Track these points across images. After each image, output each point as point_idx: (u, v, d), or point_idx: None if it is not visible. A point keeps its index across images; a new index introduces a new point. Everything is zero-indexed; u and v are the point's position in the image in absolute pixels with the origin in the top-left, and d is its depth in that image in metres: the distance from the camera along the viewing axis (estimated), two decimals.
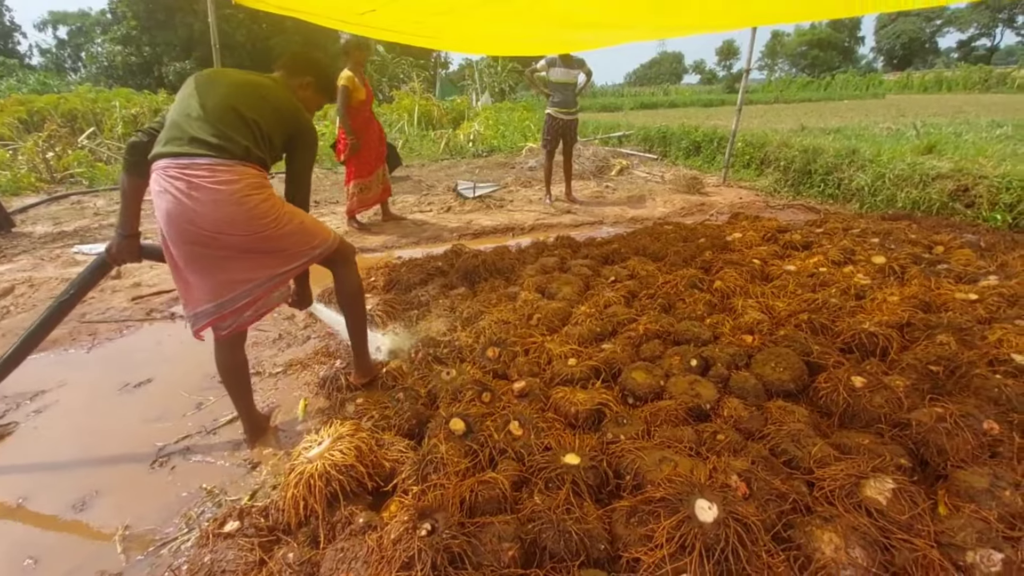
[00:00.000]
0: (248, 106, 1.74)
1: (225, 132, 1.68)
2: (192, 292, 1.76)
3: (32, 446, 2.17)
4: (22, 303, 3.53)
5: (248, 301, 1.81)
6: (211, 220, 1.64)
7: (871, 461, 1.62)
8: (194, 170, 1.62)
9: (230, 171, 1.65)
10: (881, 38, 55.72)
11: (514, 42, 4.07)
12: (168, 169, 1.64)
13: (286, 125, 1.83)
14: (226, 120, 1.69)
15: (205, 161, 1.63)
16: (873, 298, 2.70)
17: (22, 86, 18.22)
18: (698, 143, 8.34)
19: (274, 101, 1.81)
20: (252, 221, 1.70)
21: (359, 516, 1.53)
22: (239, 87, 1.78)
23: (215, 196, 1.63)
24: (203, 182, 1.62)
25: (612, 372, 2.22)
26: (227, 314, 1.79)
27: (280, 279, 1.87)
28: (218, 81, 1.79)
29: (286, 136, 1.85)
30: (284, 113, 1.83)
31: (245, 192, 1.67)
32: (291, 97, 1.89)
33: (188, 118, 1.69)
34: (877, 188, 5.29)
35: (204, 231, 1.65)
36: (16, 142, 8.73)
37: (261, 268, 1.80)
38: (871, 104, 19.42)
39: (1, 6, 35.62)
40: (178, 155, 1.64)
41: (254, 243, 1.74)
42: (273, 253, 1.80)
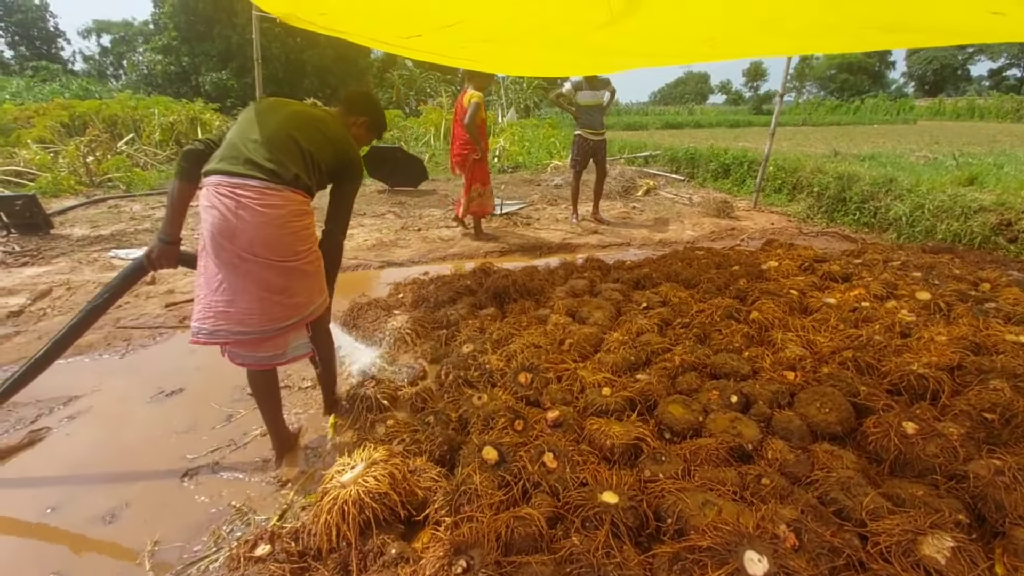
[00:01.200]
0: (304, 135, 1.80)
1: (279, 157, 1.73)
2: (210, 308, 1.76)
3: (64, 453, 2.19)
4: (59, 306, 3.61)
5: (263, 338, 1.81)
6: (249, 239, 1.68)
7: (928, 516, 1.53)
8: (244, 191, 1.68)
9: (278, 195, 1.71)
10: (912, 64, 55.06)
11: (550, 64, 4.09)
12: (219, 186, 1.68)
13: (338, 157, 1.90)
14: (282, 146, 1.75)
15: (256, 184, 1.68)
16: (919, 337, 2.60)
17: (65, 91, 18.99)
18: (727, 165, 8.25)
19: (329, 133, 1.89)
20: (287, 247, 1.75)
21: (391, 547, 1.50)
22: (297, 116, 1.84)
23: (261, 218, 1.68)
24: (251, 203, 1.67)
25: (648, 404, 2.16)
26: (236, 343, 1.81)
27: (286, 330, 1.85)
28: (279, 109, 1.86)
29: (336, 167, 1.92)
30: (337, 145, 1.90)
31: (288, 218, 1.73)
32: (345, 132, 1.98)
33: (246, 140, 1.74)
34: (916, 219, 5.15)
35: (240, 249, 1.69)
36: (57, 145, 9.05)
37: (276, 307, 1.79)
38: (902, 129, 19.10)
39: (45, 12, 37.29)
40: (231, 173, 1.69)
41: (277, 274, 1.75)
42: (284, 292, 1.79)
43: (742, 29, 2.50)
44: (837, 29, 2.30)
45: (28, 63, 30.23)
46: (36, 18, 36.71)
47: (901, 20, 2.11)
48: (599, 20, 2.26)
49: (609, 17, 2.18)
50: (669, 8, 2.15)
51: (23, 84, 19.32)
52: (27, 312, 3.49)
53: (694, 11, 2.23)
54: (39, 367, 2.07)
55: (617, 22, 2.24)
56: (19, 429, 2.31)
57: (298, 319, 1.86)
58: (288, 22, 2.94)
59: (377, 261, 4.65)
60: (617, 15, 2.15)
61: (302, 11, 2.69)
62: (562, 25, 2.48)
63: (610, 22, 2.24)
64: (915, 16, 2.04)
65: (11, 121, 10.04)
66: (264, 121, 1.79)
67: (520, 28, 2.63)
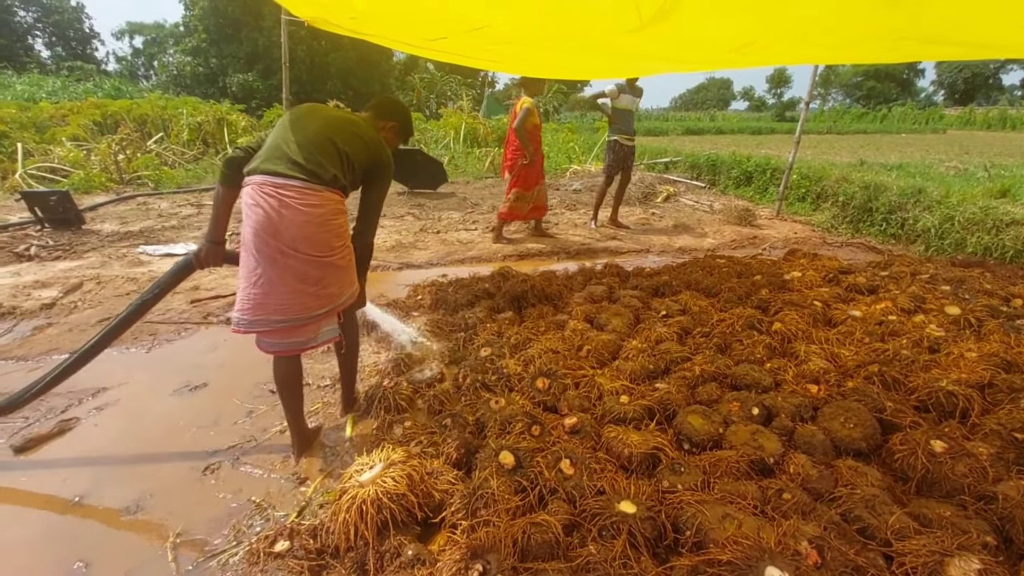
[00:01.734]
0: (342, 138, 1.89)
1: (318, 159, 1.82)
2: (252, 299, 1.84)
3: (92, 443, 2.24)
4: (90, 299, 3.71)
5: (290, 327, 1.89)
6: (291, 236, 1.77)
7: (955, 537, 1.49)
8: (286, 190, 1.76)
9: (317, 195, 1.80)
10: (942, 72, 53.80)
11: (575, 68, 4.10)
12: (264, 186, 1.77)
13: (371, 158, 1.98)
14: (321, 148, 1.84)
15: (297, 184, 1.77)
16: (948, 352, 2.53)
17: (98, 90, 19.58)
18: (749, 173, 8.15)
19: (364, 136, 1.97)
20: (325, 243, 1.84)
21: (408, 548, 1.50)
22: (336, 120, 1.93)
23: (303, 217, 1.77)
24: (293, 202, 1.76)
25: (667, 414, 2.14)
26: (272, 331, 1.89)
27: (319, 318, 1.94)
28: (318, 113, 1.95)
29: (369, 167, 1.99)
30: (371, 147, 1.98)
31: (327, 216, 1.83)
32: (378, 135, 2.06)
33: (288, 141, 1.84)
34: (945, 231, 5.02)
35: (282, 245, 1.78)
36: (90, 143, 9.33)
37: (311, 298, 1.89)
38: (931, 139, 18.66)
39: (81, 13, 38.50)
40: (275, 173, 1.78)
41: (314, 268, 1.85)
42: (319, 283, 1.89)
43: (774, 37, 2.47)
44: (872, 40, 2.26)
45: (64, 63, 31.24)
46: (72, 19, 37.93)
47: (942, 33, 2.07)
48: (628, 26, 2.25)
49: (639, 23, 2.18)
50: (700, 16, 2.14)
51: (59, 83, 19.97)
52: (59, 305, 3.59)
53: (726, 20, 2.21)
54: (87, 357, 2.16)
55: (647, 28, 2.23)
56: (50, 418, 2.37)
57: (331, 308, 1.95)
58: (316, 25, 3.00)
59: (396, 263, 4.70)
60: (647, 21, 2.14)
61: (332, 15, 2.73)
62: (590, 30, 2.48)
63: (639, 28, 2.24)
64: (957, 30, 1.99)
65: (47, 119, 10.39)
66: (305, 124, 1.88)
67: (547, 32, 2.64)
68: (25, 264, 4.39)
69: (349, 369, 2.37)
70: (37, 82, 19.72)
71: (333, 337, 2.06)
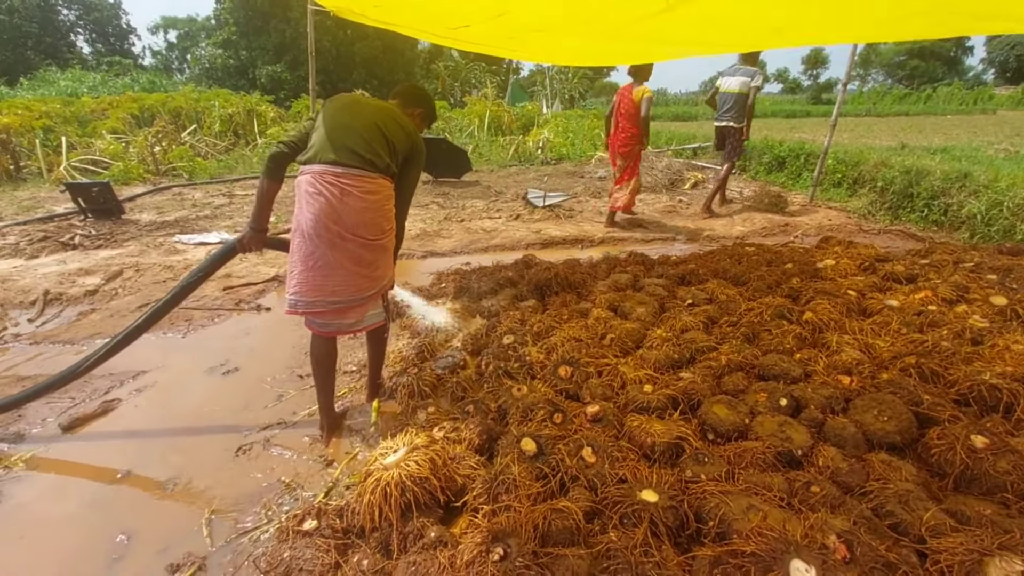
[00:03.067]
0: (388, 127, 2.00)
1: (374, 148, 1.94)
2: (309, 282, 1.96)
3: (133, 422, 2.35)
4: (129, 286, 3.87)
5: (343, 308, 2.02)
6: (352, 223, 1.91)
7: (996, 536, 1.43)
8: (346, 179, 1.88)
9: (374, 183, 1.93)
10: (993, 49, 50.66)
11: (601, 54, 4.01)
12: (325, 175, 1.88)
13: (410, 144, 2.09)
14: (374, 138, 1.95)
15: (356, 172, 1.90)
16: (993, 344, 2.41)
17: (135, 84, 20.21)
18: (782, 158, 7.88)
19: (403, 124, 2.08)
20: (379, 227, 1.99)
21: (431, 530, 1.53)
22: (380, 111, 2.04)
23: (362, 204, 1.91)
24: (354, 189, 1.89)
25: (691, 404, 2.10)
26: (327, 311, 2.01)
27: (367, 300, 2.08)
28: (361, 104, 2.06)
29: (408, 154, 2.10)
30: (410, 134, 2.10)
31: (382, 202, 1.98)
32: (410, 121, 2.16)
33: (343, 134, 1.93)
34: (992, 217, 4.76)
35: (343, 230, 1.90)
36: (128, 136, 9.66)
37: (364, 279, 2.02)
38: (980, 120, 17.69)
39: (119, 9, 39.65)
40: (335, 163, 1.89)
41: (368, 251, 1.98)
42: (371, 265, 2.02)
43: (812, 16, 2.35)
44: (921, 15, 2.13)
45: (103, 58, 32.32)
46: (111, 16, 39.10)
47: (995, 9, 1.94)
48: (654, 7, 2.19)
49: (665, 4, 2.11)
50: None
51: (99, 78, 20.68)
52: (101, 291, 3.76)
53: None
54: (135, 334, 2.30)
55: (673, 9, 2.16)
56: (94, 399, 2.50)
57: (378, 289, 2.10)
58: (341, 15, 3.02)
59: (421, 251, 4.74)
60: (672, 2, 2.07)
61: (355, 4, 2.74)
62: (614, 13, 2.42)
63: (665, 9, 2.17)
64: (1013, 4, 1.86)
65: (88, 113, 10.80)
66: (354, 115, 1.98)
67: (570, 17, 2.59)
68: (70, 252, 4.60)
69: (377, 355, 2.43)
70: (79, 77, 20.47)
71: (379, 321, 2.19)
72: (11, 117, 8.62)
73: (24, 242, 4.80)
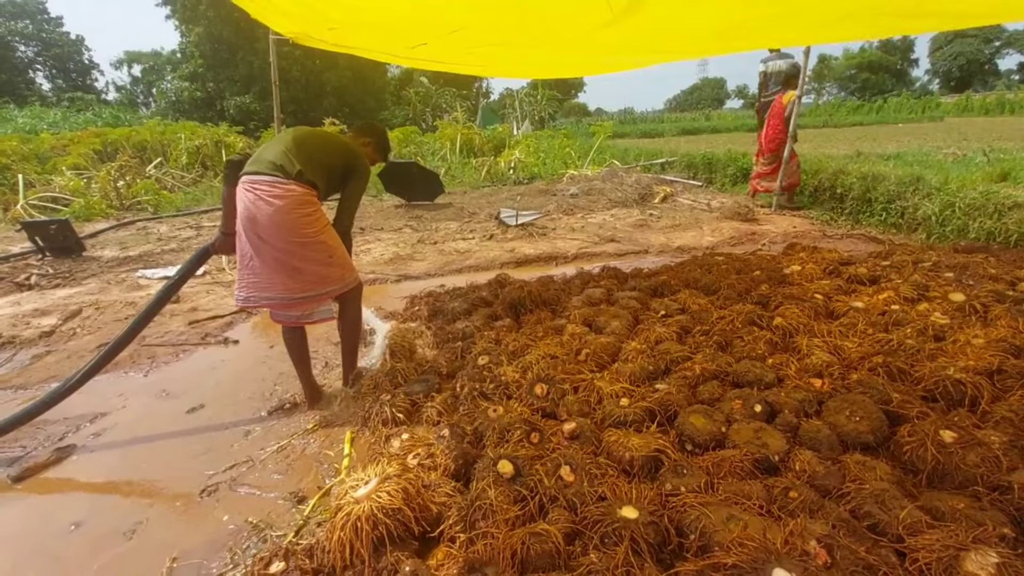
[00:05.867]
0: (312, 143, 2.27)
1: (288, 158, 2.16)
2: (245, 280, 2.23)
3: (89, 470, 2.23)
4: (88, 325, 3.71)
5: (287, 304, 2.26)
6: (265, 225, 2.10)
7: (970, 530, 1.44)
8: (259, 185, 2.11)
9: (282, 187, 2.11)
10: (937, 60, 53.64)
11: (560, 65, 4.10)
12: (244, 183, 2.15)
13: (345, 159, 2.35)
14: (290, 150, 2.19)
15: (267, 178, 2.12)
16: (955, 340, 2.48)
17: (98, 119, 19.83)
18: (746, 170, 8.11)
19: (335, 140, 2.37)
20: (293, 230, 2.13)
21: (405, 564, 1.47)
22: (309, 131, 2.34)
23: (270, 208, 2.09)
24: (263, 194, 2.09)
25: (668, 415, 2.09)
26: (271, 306, 2.29)
27: (311, 299, 2.28)
28: (298, 129, 2.34)
29: (343, 169, 2.35)
30: (344, 150, 2.36)
31: (292, 206, 2.12)
32: (353, 142, 2.46)
33: (265, 148, 2.25)
34: (946, 218, 4.96)
35: (260, 233, 2.12)
36: (91, 171, 9.42)
37: (292, 281, 2.20)
38: (929, 128, 18.57)
39: (81, 45, 39.19)
40: (250, 172, 2.16)
41: (288, 255, 2.16)
42: (297, 271, 2.20)
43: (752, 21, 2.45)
44: (849, 18, 2.24)
45: (64, 94, 31.72)
46: (72, 51, 38.59)
47: (914, 6, 2.05)
48: (601, 19, 2.25)
49: (610, 16, 2.17)
50: (672, 5, 2.13)
51: (59, 115, 20.24)
52: (58, 332, 3.60)
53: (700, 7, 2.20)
54: (121, 345, 2.47)
55: (620, 20, 2.22)
56: (47, 446, 2.36)
57: (316, 294, 2.28)
58: (300, 41, 3.02)
59: (394, 275, 4.69)
60: (618, 14, 2.13)
61: (312, 29, 2.75)
62: (564, 26, 2.49)
63: (612, 21, 2.23)
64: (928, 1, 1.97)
65: (48, 150, 10.51)
66: (282, 136, 2.30)
67: (522, 30, 2.65)
68: (25, 293, 4.41)
69: (349, 347, 2.63)
70: (38, 114, 20.02)
71: (328, 317, 2.50)
72: None
73: None
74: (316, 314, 2.42)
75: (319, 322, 2.51)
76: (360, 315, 2.64)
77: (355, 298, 2.51)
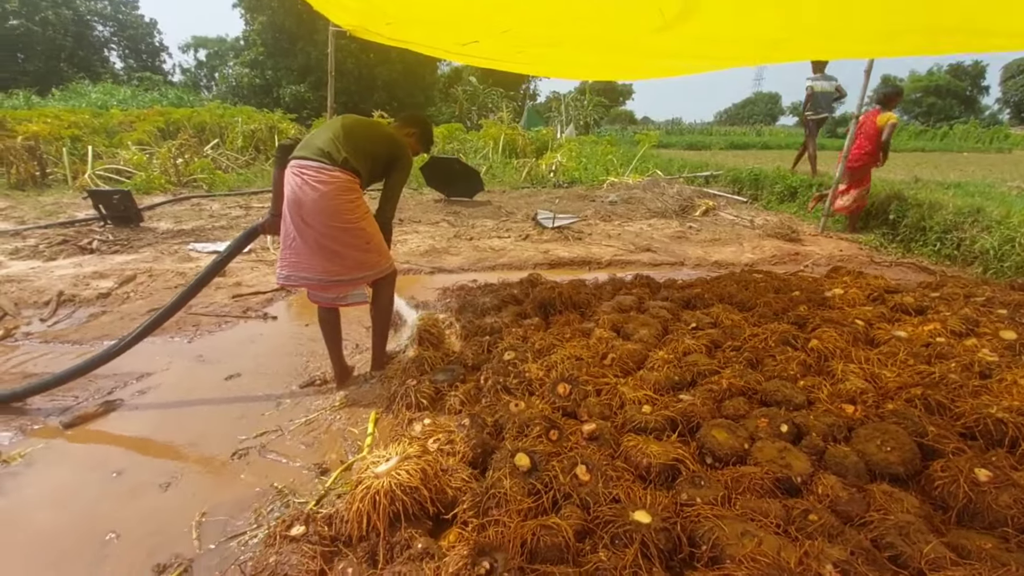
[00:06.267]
0: (358, 132, 2.35)
1: (336, 145, 2.24)
2: (286, 259, 2.32)
3: (133, 423, 2.37)
4: (141, 290, 3.94)
5: (324, 285, 2.35)
6: (309, 210, 2.20)
7: (993, 570, 1.39)
8: (307, 171, 2.20)
9: (328, 174, 2.20)
10: (1008, 88, 50.62)
11: (607, 68, 4.11)
12: (293, 168, 2.24)
13: (389, 149, 2.44)
14: (338, 137, 2.27)
15: (314, 164, 2.20)
16: (1001, 379, 2.36)
17: (163, 99, 20.91)
18: (794, 188, 7.88)
19: (380, 131, 2.45)
20: (335, 215, 2.22)
21: (418, 541, 1.51)
22: (356, 120, 2.41)
23: (315, 193, 2.18)
24: (310, 179, 2.18)
25: (690, 426, 2.08)
26: (308, 286, 2.39)
27: (346, 282, 2.37)
28: (346, 117, 2.41)
29: (387, 158, 2.43)
30: (389, 140, 2.45)
31: (337, 192, 2.21)
32: (397, 133, 2.53)
33: (317, 135, 2.32)
34: (1005, 253, 4.70)
35: (304, 216, 2.21)
36: (153, 147, 9.95)
37: (330, 264, 2.29)
38: (995, 159, 17.59)
39: (153, 28, 41.33)
40: (299, 157, 2.24)
41: (329, 239, 2.24)
42: (338, 254, 2.29)
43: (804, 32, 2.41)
44: (916, 32, 2.17)
45: (135, 73, 33.56)
46: (145, 34, 40.73)
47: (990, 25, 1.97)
48: (653, 25, 2.25)
49: (662, 23, 2.17)
50: (725, 14, 2.11)
51: (129, 92, 21.44)
52: (114, 295, 3.83)
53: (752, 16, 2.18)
54: (167, 315, 2.58)
55: (672, 27, 2.22)
56: (96, 399, 2.52)
57: (353, 278, 2.38)
58: (357, 35, 3.13)
59: (428, 267, 4.78)
60: (671, 20, 2.13)
61: (370, 23, 2.86)
62: (616, 31, 2.51)
63: (664, 27, 2.23)
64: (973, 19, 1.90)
65: (116, 125, 11.16)
66: (331, 123, 2.39)
67: (573, 33, 2.68)
68: (87, 256, 4.71)
69: (380, 331, 2.71)
70: (110, 91, 21.25)
71: (361, 301, 2.58)
72: (40, 125, 8.95)
73: (43, 245, 4.93)
74: (350, 297, 2.50)
75: (353, 305, 2.59)
76: (392, 302, 2.71)
77: (389, 285, 2.59)
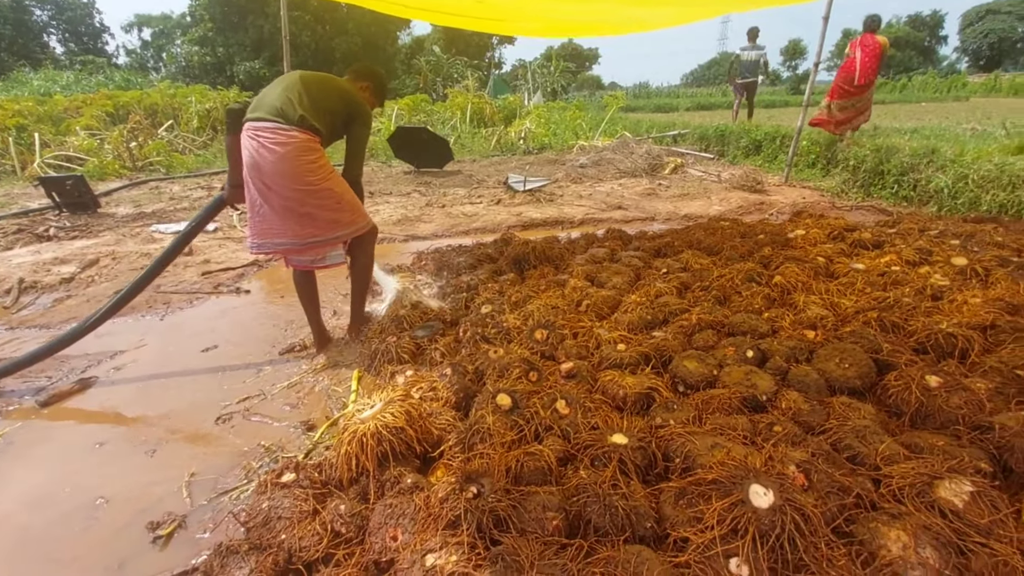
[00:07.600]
0: (312, 87, 2.21)
1: (290, 101, 2.13)
2: (256, 227, 2.26)
3: (111, 397, 2.35)
4: (106, 273, 3.83)
5: (299, 249, 2.30)
6: (270, 173, 2.12)
7: (946, 462, 1.50)
8: (262, 132, 2.09)
9: (285, 134, 2.09)
10: (966, 37, 51.60)
11: (575, 25, 4.05)
12: (248, 131, 2.14)
13: (345, 103, 2.31)
14: (292, 94, 2.15)
15: (269, 124, 2.10)
16: (952, 299, 2.51)
17: (109, 83, 19.78)
18: (759, 142, 8.01)
19: (338, 86, 2.31)
20: (297, 178, 2.13)
21: (407, 477, 1.57)
22: (307, 75, 2.26)
23: (273, 156, 2.09)
24: (266, 142, 2.08)
25: (662, 359, 2.16)
26: (282, 251, 2.33)
27: (323, 243, 2.31)
28: (295, 73, 2.28)
29: (346, 112, 2.31)
30: (345, 95, 2.31)
31: (296, 153, 2.11)
32: (353, 86, 2.40)
33: (269, 91, 2.21)
34: (959, 190, 4.91)
35: (266, 180, 2.13)
36: (103, 132, 9.49)
37: (301, 227, 2.23)
38: (952, 106, 18.08)
39: (92, 8, 38.80)
40: (252, 119, 2.13)
41: (296, 202, 2.17)
42: (309, 216, 2.22)
43: None
44: None
45: (76, 58, 31.57)
46: (84, 15, 38.25)
47: None
48: None
49: None
50: None
51: (72, 77, 20.21)
52: (77, 279, 3.72)
53: None
54: (137, 289, 2.51)
55: None
56: (71, 377, 2.48)
57: (325, 239, 2.31)
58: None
59: (402, 235, 4.75)
60: None
61: None
62: None
63: None
64: None
65: (61, 111, 10.57)
66: (283, 78, 2.27)
67: None
68: (44, 244, 4.53)
69: (359, 291, 2.70)
70: (52, 77, 19.99)
71: (340, 262, 2.51)
72: None
73: None
74: (329, 258, 2.45)
75: (332, 266, 2.52)
76: (372, 260, 2.65)
77: (368, 243, 2.54)
